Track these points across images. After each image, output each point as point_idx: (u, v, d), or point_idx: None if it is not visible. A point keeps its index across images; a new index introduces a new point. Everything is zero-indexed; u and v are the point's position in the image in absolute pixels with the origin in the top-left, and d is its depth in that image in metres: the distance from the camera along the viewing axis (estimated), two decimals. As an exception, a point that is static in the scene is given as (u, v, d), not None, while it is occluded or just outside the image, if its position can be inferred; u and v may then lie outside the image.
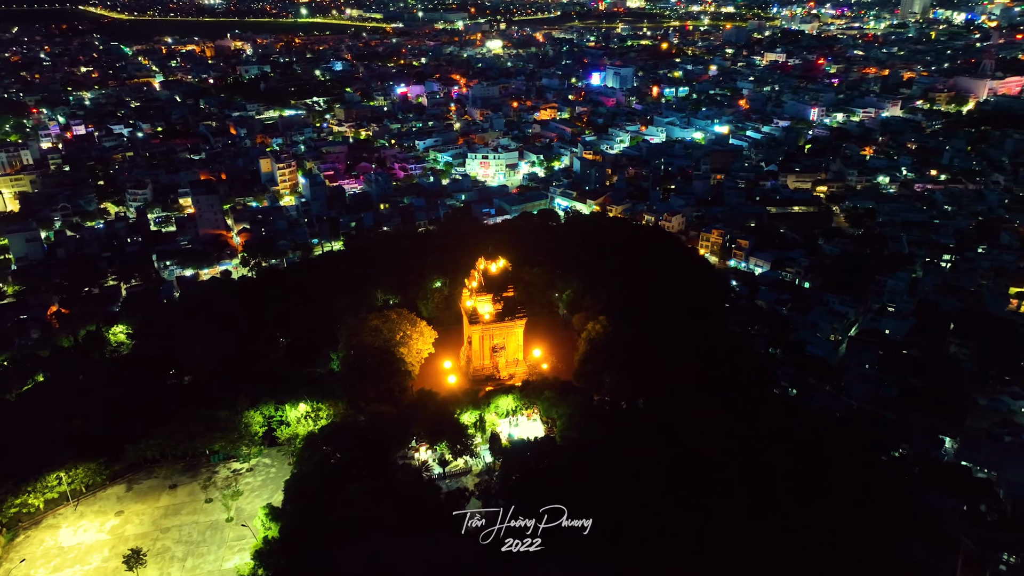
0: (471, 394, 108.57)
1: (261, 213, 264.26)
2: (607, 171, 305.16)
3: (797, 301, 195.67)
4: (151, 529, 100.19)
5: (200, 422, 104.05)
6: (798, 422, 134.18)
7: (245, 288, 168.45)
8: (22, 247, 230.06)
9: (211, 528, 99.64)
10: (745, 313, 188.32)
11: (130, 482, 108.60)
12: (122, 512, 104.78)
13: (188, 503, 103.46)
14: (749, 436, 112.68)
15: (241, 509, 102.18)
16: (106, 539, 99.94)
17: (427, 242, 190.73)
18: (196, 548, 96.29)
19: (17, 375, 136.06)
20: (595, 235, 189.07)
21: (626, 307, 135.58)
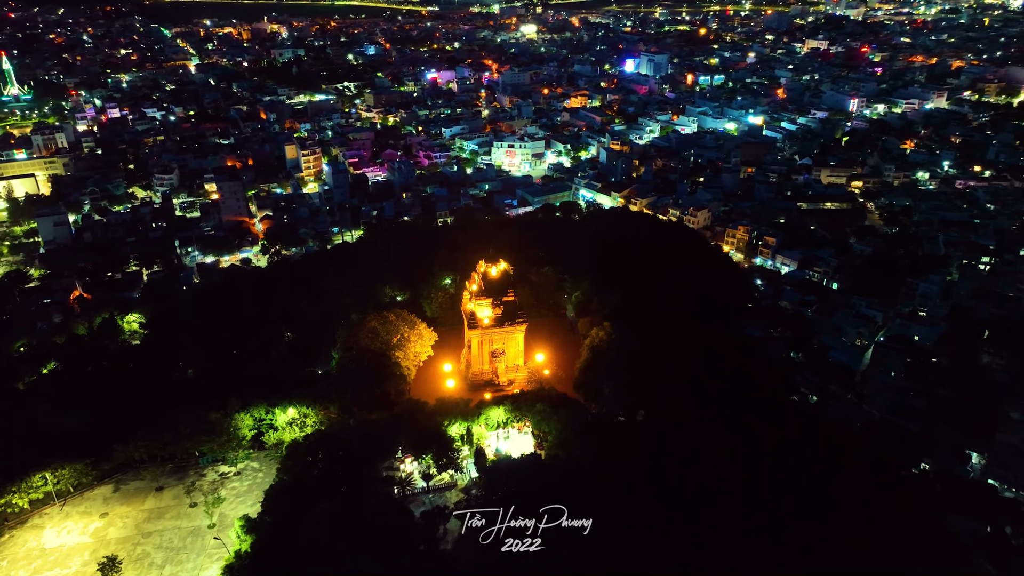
0: (461, 404, 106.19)
1: (284, 200, 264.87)
2: (634, 162, 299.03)
3: (823, 303, 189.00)
4: (133, 533, 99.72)
5: (187, 424, 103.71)
6: (813, 433, 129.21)
7: (256, 280, 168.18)
8: (50, 231, 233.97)
9: (192, 534, 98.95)
10: (767, 315, 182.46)
11: (118, 482, 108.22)
12: (107, 514, 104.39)
13: (173, 507, 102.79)
14: (756, 450, 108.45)
15: (224, 515, 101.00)
16: (88, 542, 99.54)
17: (440, 236, 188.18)
18: (176, 555, 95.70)
19: (30, 363, 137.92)
20: (613, 231, 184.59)
21: (635, 311, 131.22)
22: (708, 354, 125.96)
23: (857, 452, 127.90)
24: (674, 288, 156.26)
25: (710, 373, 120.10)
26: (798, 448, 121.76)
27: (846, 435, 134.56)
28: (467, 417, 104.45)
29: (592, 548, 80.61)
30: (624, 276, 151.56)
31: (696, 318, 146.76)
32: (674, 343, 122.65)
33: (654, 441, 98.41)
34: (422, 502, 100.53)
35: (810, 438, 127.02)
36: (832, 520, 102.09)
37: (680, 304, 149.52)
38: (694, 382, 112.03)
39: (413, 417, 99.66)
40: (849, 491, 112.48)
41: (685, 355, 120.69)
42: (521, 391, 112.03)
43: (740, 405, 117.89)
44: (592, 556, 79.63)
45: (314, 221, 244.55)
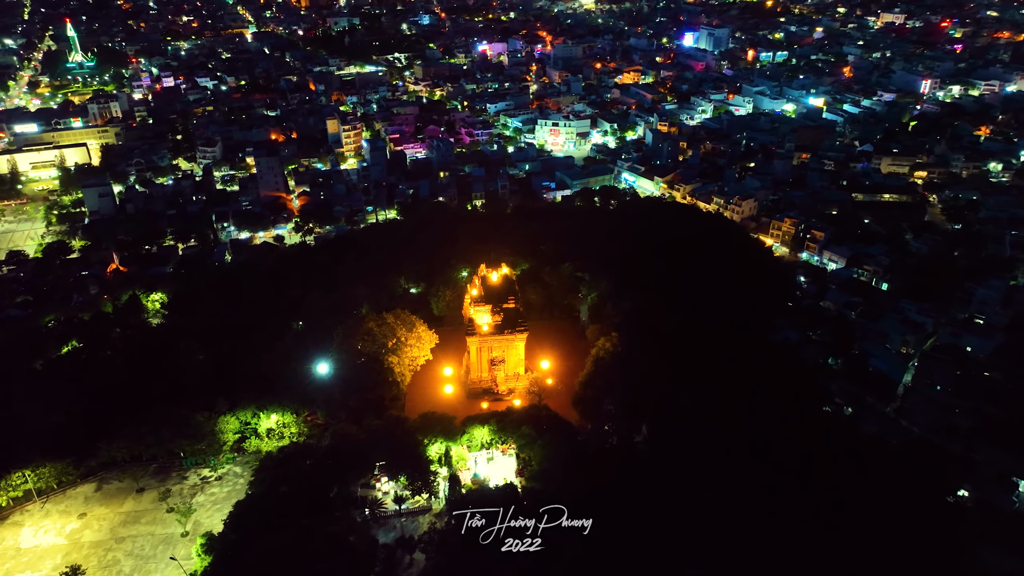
0: (444, 421, 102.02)
1: (322, 176, 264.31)
2: (681, 145, 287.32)
3: (869, 305, 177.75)
4: (107, 537, 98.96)
5: (170, 425, 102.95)
6: (842, 450, 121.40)
7: (277, 264, 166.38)
8: (95, 201, 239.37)
9: (165, 542, 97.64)
10: (807, 316, 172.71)
11: (101, 480, 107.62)
12: (85, 515, 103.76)
13: (150, 511, 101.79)
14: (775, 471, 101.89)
15: (199, 523, 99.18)
16: (63, 544, 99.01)
17: (463, 224, 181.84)
18: (144, 564, 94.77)
19: (55, 340, 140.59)
20: (644, 223, 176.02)
21: (652, 318, 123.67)
22: (731, 364, 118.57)
23: (889, 473, 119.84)
24: (703, 288, 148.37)
25: (730, 386, 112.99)
26: (823, 466, 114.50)
27: (879, 453, 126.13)
28: (450, 436, 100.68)
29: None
30: (648, 275, 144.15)
31: (724, 322, 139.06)
32: (692, 354, 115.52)
33: (650, 471, 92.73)
34: (393, 526, 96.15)
35: (838, 456, 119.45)
36: (851, 548, 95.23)
37: (708, 306, 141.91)
38: (708, 399, 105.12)
39: (392, 433, 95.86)
40: (874, 516, 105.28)
41: (703, 367, 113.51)
42: (509, 408, 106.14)
43: (761, 421, 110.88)
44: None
45: (349, 199, 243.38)
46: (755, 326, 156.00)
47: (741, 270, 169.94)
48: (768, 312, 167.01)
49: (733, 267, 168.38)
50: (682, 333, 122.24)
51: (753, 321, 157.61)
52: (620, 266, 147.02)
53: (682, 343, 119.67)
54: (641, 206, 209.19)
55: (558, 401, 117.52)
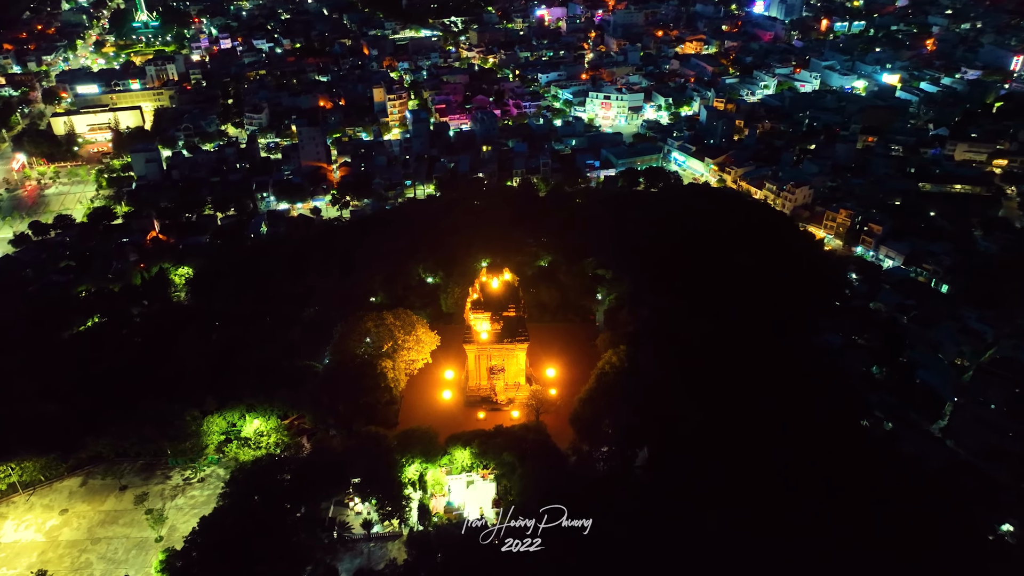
0: (426, 439, 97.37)
1: (364, 147, 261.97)
2: (737, 123, 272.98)
3: (924, 309, 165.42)
4: (84, 537, 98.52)
5: (154, 424, 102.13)
6: (875, 471, 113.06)
7: (300, 244, 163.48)
8: (142, 167, 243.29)
9: (138, 547, 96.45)
10: (854, 318, 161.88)
11: (88, 475, 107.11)
12: (67, 511, 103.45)
13: (129, 511, 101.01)
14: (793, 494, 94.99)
15: (175, 528, 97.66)
16: (41, 541, 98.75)
17: (494, 207, 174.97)
18: (115, 569, 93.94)
19: (80, 313, 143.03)
20: (683, 213, 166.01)
21: (672, 326, 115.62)
22: (757, 376, 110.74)
23: (926, 500, 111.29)
24: (740, 287, 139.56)
25: (752, 401, 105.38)
26: (849, 494, 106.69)
27: (916, 477, 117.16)
28: (430, 457, 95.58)
29: None
30: (677, 273, 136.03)
31: (758, 325, 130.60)
32: (713, 365, 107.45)
33: (642, 505, 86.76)
34: (360, 551, 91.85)
35: (868, 480, 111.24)
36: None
37: (742, 307, 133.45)
38: (723, 417, 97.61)
39: (369, 450, 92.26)
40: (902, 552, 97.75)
41: (723, 380, 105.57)
42: (497, 428, 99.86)
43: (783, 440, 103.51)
44: None
45: (389, 172, 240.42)
46: (794, 329, 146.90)
47: (785, 266, 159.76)
48: (811, 313, 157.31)
49: (776, 263, 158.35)
50: (705, 341, 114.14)
51: (793, 323, 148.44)
52: (647, 262, 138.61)
53: (703, 353, 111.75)
54: (681, 192, 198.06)
55: (558, 418, 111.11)
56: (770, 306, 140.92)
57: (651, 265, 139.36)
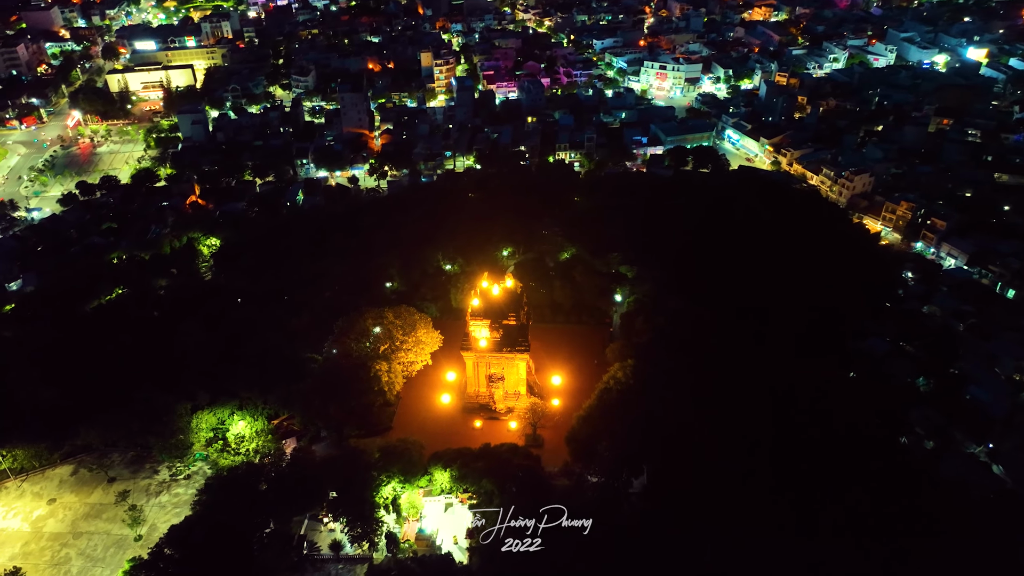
0: (407, 457, 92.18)
1: (407, 114, 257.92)
2: (799, 100, 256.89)
3: (984, 317, 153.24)
4: (67, 530, 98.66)
5: (141, 419, 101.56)
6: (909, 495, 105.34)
7: (325, 220, 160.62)
8: (188, 128, 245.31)
9: (116, 545, 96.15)
10: (904, 322, 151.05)
11: (80, 463, 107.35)
12: (55, 500, 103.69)
13: (113, 506, 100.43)
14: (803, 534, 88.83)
15: (155, 527, 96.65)
16: (26, 532, 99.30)
17: (524, 189, 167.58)
18: (92, 567, 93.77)
19: (108, 282, 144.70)
20: (726, 203, 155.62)
21: (688, 335, 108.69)
22: (784, 396, 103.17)
23: (964, 531, 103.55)
24: (778, 287, 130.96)
25: (774, 418, 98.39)
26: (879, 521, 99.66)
27: (956, 505, 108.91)
28: (409, 476, 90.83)
29: None
30: (710, 271, 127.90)
31: (795, 330, 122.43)
32: (734, 378, 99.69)
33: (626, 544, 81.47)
34: (327, 572, 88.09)
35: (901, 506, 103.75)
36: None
37: (780, 309, 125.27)
38: (735, 446, 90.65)
39: (347, 465, 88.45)
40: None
41: (743, 396, 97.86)
42: (483, 447, 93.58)
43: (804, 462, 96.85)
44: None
45: (430, 141, 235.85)
46: (836, 334, 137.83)
47: (833, 263, 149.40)
48: (858, 315, 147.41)
49: (824, 259, 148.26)
50: (726, 353, 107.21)
51: (835, 327, 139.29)
52: (678, 258, 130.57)
53: (722, 367, 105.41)
54: (728, 177, 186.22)
55: (557, 432, 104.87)
56: (812, 309, 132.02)
57: (682, 261, 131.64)
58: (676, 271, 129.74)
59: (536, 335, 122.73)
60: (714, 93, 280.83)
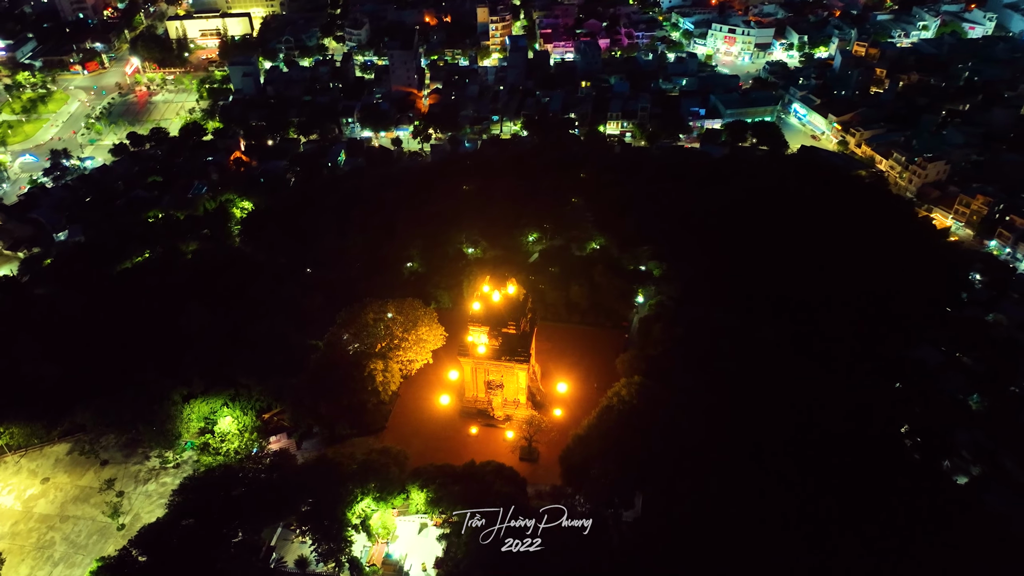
0: (383, 472, 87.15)
1: (457, 73, 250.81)
2: (877, 73, 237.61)
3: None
4: (56, 512, 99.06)
5: (132, 406, 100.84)
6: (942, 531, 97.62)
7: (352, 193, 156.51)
8: (239, 80, 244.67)
9: (99, 533, 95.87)
10: (963, 330, 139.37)
11: (77, 441, 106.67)
12: (48, 480, 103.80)
13: (102, 491, 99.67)
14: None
15: (139, 517, 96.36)
16: (17, 511, 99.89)
17: (559, 167, 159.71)
18: (74, 554, 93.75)
19: (138, 242, 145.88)
20: (777, 192, 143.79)
21: (710, 346, 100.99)
22: (809, 419, 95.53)
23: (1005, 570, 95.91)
24: (823, 290, 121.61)
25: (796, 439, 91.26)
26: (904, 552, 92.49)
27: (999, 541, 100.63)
28: (385, 493, 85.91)
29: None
30: (749, 268, 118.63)
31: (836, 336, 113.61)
32: (747, 406, 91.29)
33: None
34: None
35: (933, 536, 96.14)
36: None
37: (819, 318, 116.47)
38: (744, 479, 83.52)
39: (323, 476, 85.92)
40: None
41: (758, 428, 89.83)
42: (468, 465, 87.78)
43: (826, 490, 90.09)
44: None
45: (479, 103, 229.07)
46: (884, 338, 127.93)
47: (891, 260, 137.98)
48: (911, 319, 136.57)
49: (880, 256, 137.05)
50: (748, 369, 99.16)
51: (884, 331, 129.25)
52: (715, 253, 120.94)
53: (741, 385, 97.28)
54: (784, 163, 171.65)
55: (554, 448, 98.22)
56: (860, 312, 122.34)
57: (719, 259, 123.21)
58: (711, 269, 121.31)
59: (548, 334, 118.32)
60: (785, 61, 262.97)
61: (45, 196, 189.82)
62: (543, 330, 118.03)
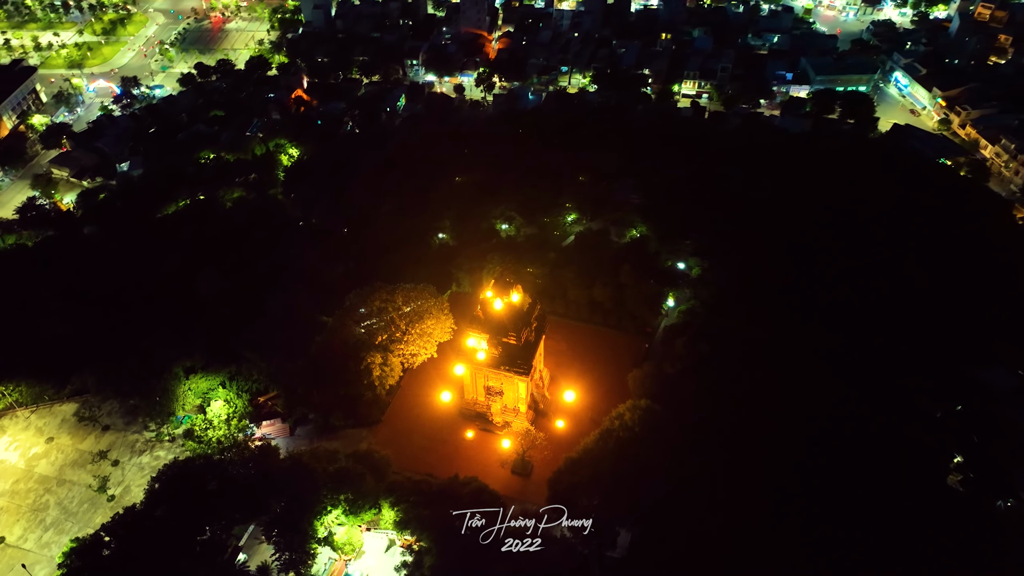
0: (358, 483, 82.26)
1: (531, 17, 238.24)
2: (1000, 39, 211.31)
3: None
4: (54, 475, 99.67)
5: (132, 377, 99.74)
6: None
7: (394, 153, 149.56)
8: (310, 12, 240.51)
9: (90, 502, 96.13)
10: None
11: (85, 404, 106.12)
12: (52, 440, 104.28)
13: (98, 458, 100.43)
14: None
15: (128, 489, 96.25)
16: (20, 468, 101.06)
17: (614, 133, 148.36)
18: (64, 521, 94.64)
19: (185, 188, 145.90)
20: (852, 183, 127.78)
21: (728, 372, 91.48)
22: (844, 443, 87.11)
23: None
24: (882, 302, 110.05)
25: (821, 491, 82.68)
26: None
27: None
28: (356, 507, 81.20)
29: None
30: (801, 273, 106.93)
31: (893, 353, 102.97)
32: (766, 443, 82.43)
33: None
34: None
35: None
36: None
37: (880, 328, 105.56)
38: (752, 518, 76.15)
39: (296, 481, 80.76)
40: None
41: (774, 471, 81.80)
42: (452, 479, 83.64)
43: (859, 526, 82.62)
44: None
45: (549, 51, 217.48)
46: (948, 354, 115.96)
47: (971, 268, 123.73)
48: (984, 336, 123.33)
49: (960, 263, 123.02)
50: (784, 395, 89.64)
51: (950, 347, 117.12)
52: (764, 254, 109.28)
53: (770, 408, 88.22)
54: (870, 146, 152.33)
55: (550, 464, 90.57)
56: (924, 325, 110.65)
57: (769, 260, 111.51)
58: (757, 273, 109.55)
59: (566, 333, 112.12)
60: (894, 21, 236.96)
61: (112, 125, 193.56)
62: (561, 328, 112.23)
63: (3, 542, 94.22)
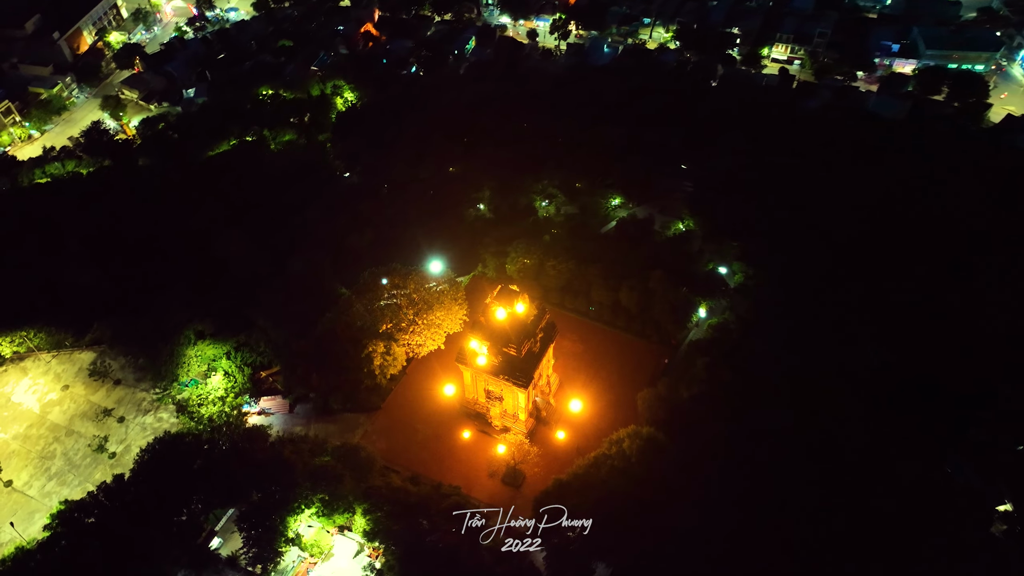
0: (337, 482, 79.02)
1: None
2: None
3: None
4: (65, 423, 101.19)
5: (141, 333, 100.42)
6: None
7: (448, 110, 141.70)
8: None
9: (92, 457, 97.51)
10: None
11: (102, 355, 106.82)
12: (68, 388, 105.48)
13: (106, 413, 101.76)
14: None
15: (130, 448, 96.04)
16: (35, 413, 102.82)
17: (682, 112, 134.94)
18: (67, 473, 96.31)
19: (238, 125, 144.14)
20: (924, 195, 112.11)
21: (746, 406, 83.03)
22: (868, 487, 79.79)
23: None
24: (946, 326, 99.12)
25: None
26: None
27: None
28: (331, 507, 77.91)
29: None
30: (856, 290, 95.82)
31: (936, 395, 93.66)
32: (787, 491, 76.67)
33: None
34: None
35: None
36: None
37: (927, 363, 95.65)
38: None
39: (276, 474, 78.74)
40: None
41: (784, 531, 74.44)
42: (431, 491, 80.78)
43: None
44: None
45: (632, 1, 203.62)
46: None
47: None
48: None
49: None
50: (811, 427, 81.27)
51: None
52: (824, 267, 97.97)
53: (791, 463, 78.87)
54: (971, 144, 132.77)
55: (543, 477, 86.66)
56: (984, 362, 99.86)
57: (819, 273, 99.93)
58: (806, 288, 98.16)
59: (584, 334, 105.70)
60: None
61: (182, 48, 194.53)
62: (579, 328, 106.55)
63: (10, 486, 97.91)
